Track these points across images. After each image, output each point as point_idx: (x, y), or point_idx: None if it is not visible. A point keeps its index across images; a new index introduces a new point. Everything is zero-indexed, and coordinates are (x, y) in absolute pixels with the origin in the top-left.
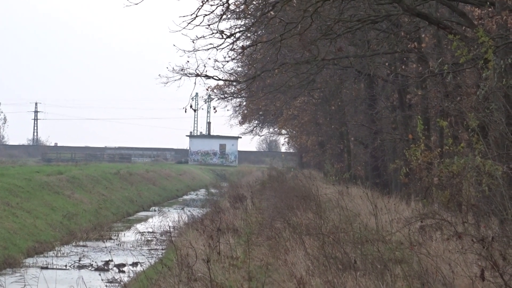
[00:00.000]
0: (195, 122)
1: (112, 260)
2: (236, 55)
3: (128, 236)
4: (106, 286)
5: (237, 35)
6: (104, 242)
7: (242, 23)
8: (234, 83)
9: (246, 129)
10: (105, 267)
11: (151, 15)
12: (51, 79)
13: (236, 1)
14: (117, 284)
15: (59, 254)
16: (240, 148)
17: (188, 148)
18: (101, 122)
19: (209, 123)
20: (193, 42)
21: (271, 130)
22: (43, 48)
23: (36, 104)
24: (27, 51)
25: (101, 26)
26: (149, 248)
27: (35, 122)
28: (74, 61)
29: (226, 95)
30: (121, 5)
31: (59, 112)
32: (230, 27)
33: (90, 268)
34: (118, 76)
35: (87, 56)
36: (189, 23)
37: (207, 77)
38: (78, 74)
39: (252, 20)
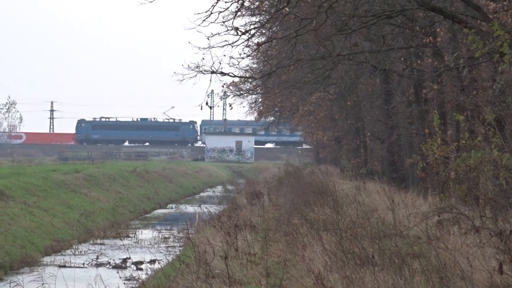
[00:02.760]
0: (211, 119)
1: (129, 258)
2: (251, 52)
3: (146, 233)
4: (124, 283)
5: (252, 31)
6: (121, 240)
7: (257, 19)
8: (250, 80)
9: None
10: (123, 265)
11: (166, 13)
12: (66, 78)
13: None
14: (135, 282)
15: (76, 253)
16: (256, 145)
17: (204, 145)
18: None
19: (225, 120)
20: (208, 39)
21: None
22: (59, 47)
23: (52, 103)
24: (43, 50)
25: (117, 25)
26: (167, 245)
27: (51, 121)
28: (89, 59)
29: (241, 92)
30: (136, 4)
31: (75, 110)
32: (245, 24)
33: (108, 266)
34: (133, 74)
35: (103, 55)
36: (204, 20)
37: (223, 74)
38: (93, 73)
39: (267, 17)
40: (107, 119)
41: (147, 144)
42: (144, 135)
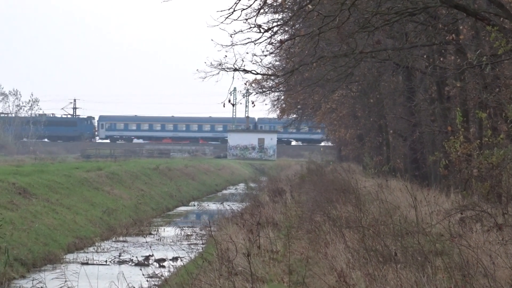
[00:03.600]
0: (234, 116)
1: (152, 255)
2: (274, 49)
3: (168, 231)
4: (146, 281)
5: (275, 29)
6: (144, 237)
7: (280, 17)
8: (272, 77)
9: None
10: (146, 262)
11: (188, 11)
12: (89, 75)
13: None
14: (157, 279)
15: (99, 250)
16: (278, 142)
17: (226, 143)
18: None
19: (247, 118)
20: (231, 37)
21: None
22: (81, 45)
23: (74, 100)
24: (65, 48)
25: (138, 22)
26: (189, 242)
27: None
28: (111, 57)
29: (264, 89)
30: (158, 2)
31: (97, 108)
32: (268, 21)
33: (130, 263)
34: (155, 72)
35: (125, 52)
36: (226, 17)
37: (245, 71)
38: (116, 70)
39: (290, 14)
40: (5, 115)
41: (45, 140)
42: (42, 130)
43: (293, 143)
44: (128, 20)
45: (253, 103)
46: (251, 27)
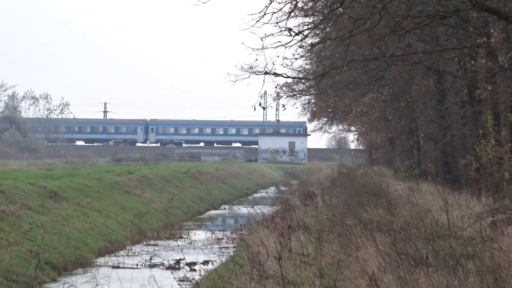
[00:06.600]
0: (264, 120)
1: (183, 259)
2: (304, 53)
3: (199, 234)
4: (178, 284)
5: (306, 32)
6: (175, 241)
7: (311, 20)
8: (303, 81)
9: (315, 126)
10: (177, 266)
11: (219, 14)
12: (120, 79)
13: None
14: (188, 283)
15: (130, 253)
16: (309, 146)
17: (257, 146)
18: None
19: (278, 121)
20: (262, 40)
21: (340, 127)
22: (111, 49)
23: (105, 104)
24: (96, 51)
25: (168, 26)
26: (220, 246)
27: None
28: (142, 60)
29: (294, 93)
30: (189, 6)
31: (128, 111)
32: (299, 25)
33: (161, 267)
34: (185, 76)
35: (155, 56)
36: (257, 21)
37: (276, 74)
38: (147, 74)
39: (321, 17)
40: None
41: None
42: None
43: None
44: (154, 25)
45: (283, 106)
46: (281, 31)
